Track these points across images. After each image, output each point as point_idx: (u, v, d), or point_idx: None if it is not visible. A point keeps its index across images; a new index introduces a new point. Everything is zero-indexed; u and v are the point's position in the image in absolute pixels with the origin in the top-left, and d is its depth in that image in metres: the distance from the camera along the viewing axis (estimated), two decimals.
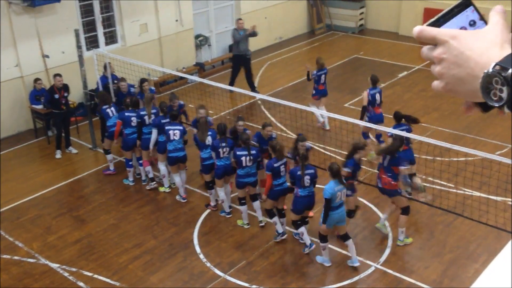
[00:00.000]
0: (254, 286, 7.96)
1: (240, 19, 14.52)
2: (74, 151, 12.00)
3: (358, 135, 11.74)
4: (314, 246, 8.59)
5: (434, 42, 1.25)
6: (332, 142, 11.56)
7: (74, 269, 8.39)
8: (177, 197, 10.14)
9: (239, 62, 14.46)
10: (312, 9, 20.06)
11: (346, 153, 11.27)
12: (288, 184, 8.62)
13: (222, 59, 17.18)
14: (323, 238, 8.22)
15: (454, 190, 9.87)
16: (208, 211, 9.76)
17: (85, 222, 9.58)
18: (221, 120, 12.22)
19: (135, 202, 10.12)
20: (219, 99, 12.75)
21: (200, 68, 16.21)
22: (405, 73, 16.06)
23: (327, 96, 12.70)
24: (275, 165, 8.42)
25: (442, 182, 10.10)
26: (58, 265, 8.49)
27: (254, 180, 9.05)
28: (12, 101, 12.57)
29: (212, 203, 9.80)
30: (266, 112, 13.68)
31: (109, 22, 14.51)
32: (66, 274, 8.29)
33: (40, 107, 12.25)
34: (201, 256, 8.63)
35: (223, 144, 9.02)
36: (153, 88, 11.99)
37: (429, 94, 14.46)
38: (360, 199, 9.93)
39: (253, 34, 14.31)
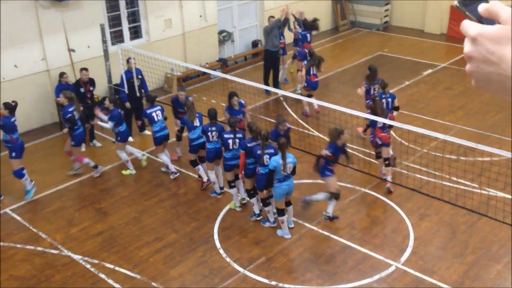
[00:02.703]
0: (273, 282, 7.97)
1: (272, 16, 14.46)
2: (98, 144, 12.15)
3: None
4: (275, 224, 9.10)
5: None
6: (353, 139, 11.50)
7: (95, 261, 8.49)
8: (171, 176, 10.69)
9: (269, 57, 14.38)
10: (336, 5, 19.93)
11: (366, 150, 11.24)
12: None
13: (245, 55, 17.19)
14: (280, 212, 8.75)
15: (478, 190, 9.74)
16: (227, 207, 9.78)
17: (107, 215, 9.69)
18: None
19: (157, 196, 10.20)
20: (241, 95, 12.75)
21: (223, 64, 16.25)
22: (430, 71, 15.87)
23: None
24: (249, 144, 8.85)
25: (466, 182, 9.97)
26: (80, 256, 8.61)
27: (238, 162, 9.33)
28: (37, 94, 12.76)
29: (205, 179, 10.25)
30: (288, 109, 13.66)
31: (134, 17, 14.62)
32: (88, 266, 8.40)
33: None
34: (221, 251, 8.67)
35: (213, 128, 9.46)
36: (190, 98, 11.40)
37: (454, 93, 14.28)
38: (381, 197, 9.87)
39: (285, 21, 14.18)
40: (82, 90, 11.78)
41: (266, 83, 14.17)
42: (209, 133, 9.51)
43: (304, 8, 17.28)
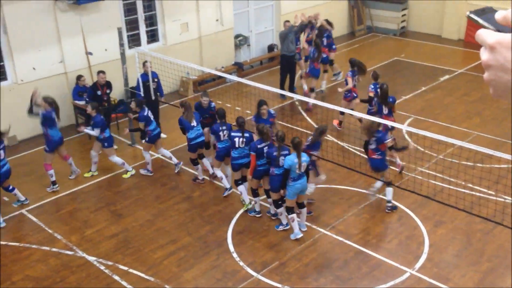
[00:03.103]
0: (286, 287, 7.95)
1: (287, 21, 14.46)
2: (114, 147, 12.21)
3: (397, 138, 11.61)
4: (288, 227, 9.11)
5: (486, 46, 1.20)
6: None
7: (110, 263, 8.54)
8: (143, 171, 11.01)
9: (285, 62, 14.39)
10: (353, 10, 19.88)
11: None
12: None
13: (261, 59, 17.22)
14: (290, 210, 8.81)
15: (494, 198, 9.63)
16: (243, 210, 9.79)
17: (122, 217, 9.75)
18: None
19: (171, 199, 10.24)
20: (256, 99, 12.76)
21: (239, 68, 16.29)
22: (447, 76, 15.76)
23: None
24: (259, 146, 8.96)
25: (482, 189, 9.88)
26: (94, 258, 8.67)
27: (248, 161, 9.41)
28: (55, 96, 12.75)
29: (200, 177, 10.63)
30: (304, 113, 13.64)
31: (151, 20, 14.73)
32: (102, 267, 8.45)
33: (82, 103, 12.52)
34: (235, 255, 8.67)
35: (223, 128, 9.73)
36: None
37: (471, 99, 14.16)
38: (397, 203, 9.81)
39: (300, 28, 14.19)
40: (99, 92, 11.88)
41: (282, 88, 14.18)
42: (220, 133, 9.74)
43: (320, 13, 17.27)
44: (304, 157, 8.57)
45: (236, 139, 9.39)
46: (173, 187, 10.65)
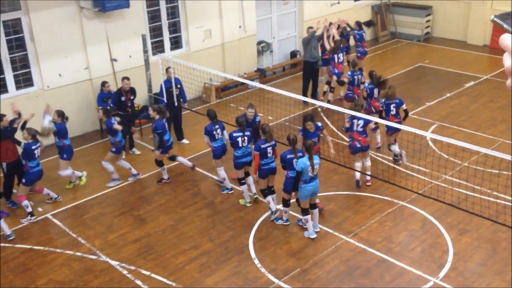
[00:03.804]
0: None
1: (311, 27, 14.45)
2: (137, 152, 12.35)
3: (421, 145, 11.50)
4: (288, 223, 9.37)
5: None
6: (391, 153, 11.36)
7: (132, 268, 8.61)
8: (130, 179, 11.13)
9: (309, 69, 14.37)
10: (377, 16, 19.79)
11: (406, 163, 11.09)
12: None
13: (283, 65, 17.23)
14: (304, 211, 8.97)
15: None
16: (264, 216, 9.79)
17: (144, 222, 9.82)
18: (279, 126, 12.27)
19: (193, 205, 10.29)
20: (278, 105, 12.79)
21: (261, 74, 16.32)
22: (472, 83, 15.56)
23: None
24: (263, 146, 9.24)
25: (507, 197, 9.71)
26: (117, 262, 8.75)
27: (250, 159, 9.82)
28: (80, 102, 13.08)
29: (165, 176, 10.95)
30: (326, 120, 13.60)
31: (175, 27, 14.86)
32: (125, 272, 8.52)
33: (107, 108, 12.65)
34: (256, 261, 8.67)
35: (216, 127, 10.06)
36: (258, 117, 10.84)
37: (496, 105, 13.96)
38: (419, 210, 9.71)
39: (321, 36, 14.17)
40: (123, 98, 12.02)
41: (305, 94, 14.17)
42: (214, 132, 10.04)
43: (344, 19, 17.24)
44: (316, 160, 8.70)
45: (239, 139, 9.64)
46: (195, 193, 10.70)
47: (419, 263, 8.47)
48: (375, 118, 10.04)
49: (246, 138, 9.71)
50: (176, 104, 12.03)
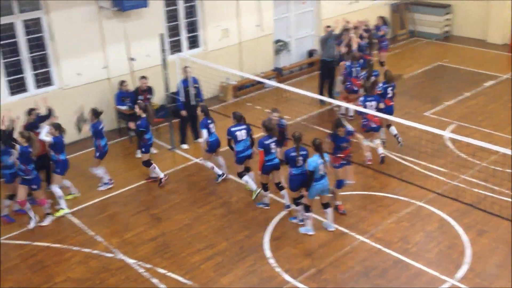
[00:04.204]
0: None
1: (328, 26, 14.39)
2: (154, 151, 12.41)
3: (439, 145, 11.42)
4: (303, 222, 9.34)
5: None
6: (409, 152, 11.28)
7: (149, 266, 8.67)
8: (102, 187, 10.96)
9: (325, 68, 14.33)
10: (395, 14, 19.64)
11: (423, 163, 11.00)
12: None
13: (300, 64, 17.19)
14: (307, 208, 9.04)
15: None
16: (280, 216, 9.79)
17: (161, 221, 9.88)
18: (295, 126, 12.25)
19: (209, 204, 10.32)
20: (295, 104, 12.79)
21: (278, 73, 16.30)
22: (491, 82, 15.37)
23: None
24: (266, 142, 9.35)
25: None
26: (134, 261, 8.81)
27: (251, 152, 10.06)
28: (98, 101, 13.17)
29: (161, 175, 10.95)
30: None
31: (192, 27, 14.91)
32: (141, 270, 8.58)
33: (124, 108, 12.77)
34: (271, 260, 8.66)
35: (209, 121, 10.47)
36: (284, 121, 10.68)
37: None
38: (437, 211, 9.63)
39: (340, 35, 14.05)
40: (140, 97, 12.09)
41: (321, 93, 14.12)
42: (210, 126, 10.48)
43: (362, 17, 17.15)
44: (327, 158, 8.79)
45: (238, 133, 9.87)
46: (211, 192, 10.72)
47: (436, 264, 8.39)
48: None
49: (244, 131, 9.91)
50: (192, 103, 12.07)
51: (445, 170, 10.67)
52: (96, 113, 10.55)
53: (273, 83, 12.09)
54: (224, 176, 10.90)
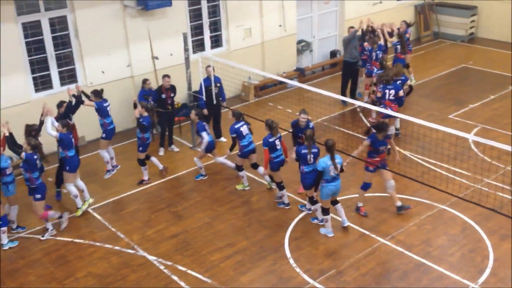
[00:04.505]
0: None
1: (352, 27, 14.31)
2: (176, 149, 12.49)
3: (462, 148, 11.27)
4: (323, 223, 9.33)
5: None
6: (431, 154, 11.16)
7: (169, 263, 8.72)
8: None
9: (348, 68, 14.28)
10: (420, 16, 19.46)
11: (446, 165, 10.88)
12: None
13: (323, 65, 17.13)
14: (325, 211, 9.04)
15: None
16: (300, 216, 9.77)
17: (181, 219, 9.93)
18: (317, 126, 12.19)
19: (230, 203, 10.34)
20: (317, 105, 12.74)
21: (300, 74, 16.27)
22: None
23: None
24: (270, 140, 9.53)
25: None
26: (155, 257, 8.87)
27: (254, 146, 10.37)
28: (121, 99, 13.31)
29: (145, 177, 11.13)
30: (365, 120, 13.46)
31: (215, 26, 14.96)
32: (161, 267, 8.64)
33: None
34: (291, 260, 8.65)
35: (204, 123, 10.80)
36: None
37: None
38: (460, 214, 9.52)
39: (363, 34, 13.98)
40: (163, 96, 12.17)
41: (344, 94, 14.06)
42: (206, 127, 10.80)
43: (385, 18, 17.03)
44: (338, 159, 8.77)
45: (242, 129, 10.13)
46: (232, 191, 10.74)
47: (458, 268, 8.29)
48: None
49: (245, 127, 10.20)
50: (214, 102, 12.10)
51: (468, 174, 10.53)
52: (97, 93, 10.70)
53: (295, 83, 12.05)
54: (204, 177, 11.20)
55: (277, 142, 9.65)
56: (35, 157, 9.13)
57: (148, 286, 8.26)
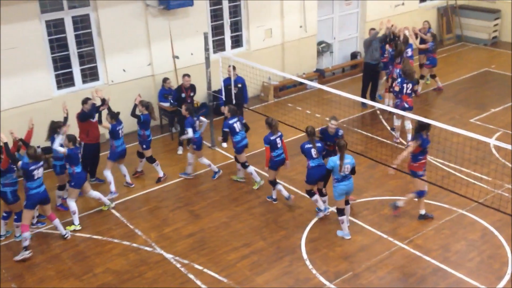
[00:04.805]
0: None
1: (373, 28, 14.23)
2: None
3: (484, 152, 11.14)
4: (329, 211, 9.67)
5: None
6: (452, 159, 11.04)
7: (186, 261, 8.76)
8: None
9: (369, 71, 14.20)
10: (442, 18, 19.27)
11: (467, 170, 10.75)
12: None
13: (343, 66, 17.05)
14: (340, 211, 9.08)
15: None
16: (317, 218, 9.74)
17: (199, 218, 9.97)
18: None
19: (247, 203, 10.35)
20: (336, 106, 12.70)
21: (320, 75, 16.22)
22: None
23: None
24: (272, 138, 9.73)
25: None
26: (171, 256, 8.92)
27: (247, 141, 10.71)
28: (142, 98, 13.36)
29: (161, 174, 11.19)
30: (385, 123, 13.37)
31: (236, 26, 14.99)
32: (178, 265, 8.68)
33: (167, 105, 12.94)
34: (307, 262, 8.63)
35: (195, 119, 10.87)
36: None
37: None
38: (480, 220, 9.41)
39: (385, 36, 13.90)
40: (183, 95, 12.22)
41: (364, 96, 13.98)
42: (195, 124, 10.87)
43: (407, 20, 16.95)
44: (348, 159, 8.76)
45: (235, 125, 10.47)
46: (249, 191, 10.76)
47: (477, 274, 8.20)
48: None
49: (239, 123, 10.56)
50: (234, 102, 12.12)
51: (489, 178, 10.41)
52: (113, 115, 10.51)
53: (315, 84, 12.02)
54: (220, 172, 11.29)
55: (278, 140, 9.78)
56: (33, 167, 8.77)
57: (165, 284, 8.31)
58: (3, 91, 11.54)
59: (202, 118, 11.36)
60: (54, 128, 9.76)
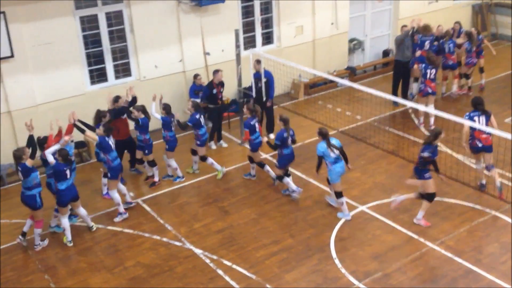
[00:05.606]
0: None
1: (405, 25, 14.07)
2: (224, 145, 12.60)
3: None
4: (301, 190, 10.16)
5: None
6: None
7: (215, 257, 8.82)
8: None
9: (400, 68, 14.06)
10: (477, 16, 18.91)
11: (501, 171, 10.54)
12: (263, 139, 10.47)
13: (375, 64, 16.89)
14: (339, 194, 9.46)
15: None
16: (348, 216, 9.69)
17: (228, 214, 10.02)
18: (367, 126, 12.04)
19: (276, 200, 10.35)
20: (367, 105, 12.59)
21: (351, 73, 16.09)
22: None
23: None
24: (251, 123, 10.43)
25: None
26: (201, 251, 8.99)
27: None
28: (173, 94, 13.50)
29: (156, 179, 11.10)
30: (416, 121, 13.20)
31: (267, 23, 14.97)
32: (207, 261, 8.74)
33: (198, 101, 13.00)
34: (336, 261, 8.59)
35: (172, 119, 10.96)
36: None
37: None
38: (504, 216, 9.25)
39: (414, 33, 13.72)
40: (214, 91, 12.28)
41: (395, 94, 13.82)
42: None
43: (441, 18, 16.68)
44: (334, 141, 9.24)
45: (257, 125, 10.61)
46: (278, 188, 10.74)
47: (509, 277, 8.04)
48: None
49: (258, 123, 10.77)
50: (264, 99, 12.13)
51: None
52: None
53: (346, 82, 11.94)
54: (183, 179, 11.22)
55: (257, 124, 10.52)
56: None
57: (194, 279, 8.38)
58: (38, 86, 11.77)
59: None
60: (100, 117, 10.16)
